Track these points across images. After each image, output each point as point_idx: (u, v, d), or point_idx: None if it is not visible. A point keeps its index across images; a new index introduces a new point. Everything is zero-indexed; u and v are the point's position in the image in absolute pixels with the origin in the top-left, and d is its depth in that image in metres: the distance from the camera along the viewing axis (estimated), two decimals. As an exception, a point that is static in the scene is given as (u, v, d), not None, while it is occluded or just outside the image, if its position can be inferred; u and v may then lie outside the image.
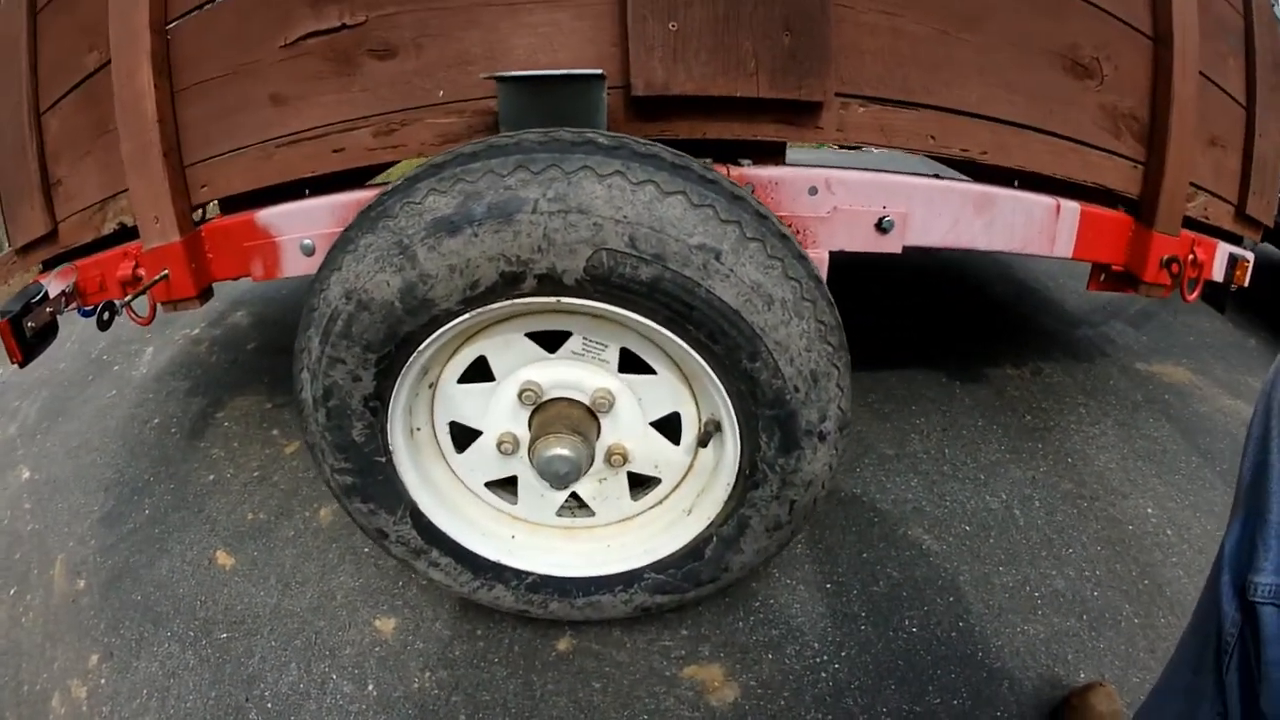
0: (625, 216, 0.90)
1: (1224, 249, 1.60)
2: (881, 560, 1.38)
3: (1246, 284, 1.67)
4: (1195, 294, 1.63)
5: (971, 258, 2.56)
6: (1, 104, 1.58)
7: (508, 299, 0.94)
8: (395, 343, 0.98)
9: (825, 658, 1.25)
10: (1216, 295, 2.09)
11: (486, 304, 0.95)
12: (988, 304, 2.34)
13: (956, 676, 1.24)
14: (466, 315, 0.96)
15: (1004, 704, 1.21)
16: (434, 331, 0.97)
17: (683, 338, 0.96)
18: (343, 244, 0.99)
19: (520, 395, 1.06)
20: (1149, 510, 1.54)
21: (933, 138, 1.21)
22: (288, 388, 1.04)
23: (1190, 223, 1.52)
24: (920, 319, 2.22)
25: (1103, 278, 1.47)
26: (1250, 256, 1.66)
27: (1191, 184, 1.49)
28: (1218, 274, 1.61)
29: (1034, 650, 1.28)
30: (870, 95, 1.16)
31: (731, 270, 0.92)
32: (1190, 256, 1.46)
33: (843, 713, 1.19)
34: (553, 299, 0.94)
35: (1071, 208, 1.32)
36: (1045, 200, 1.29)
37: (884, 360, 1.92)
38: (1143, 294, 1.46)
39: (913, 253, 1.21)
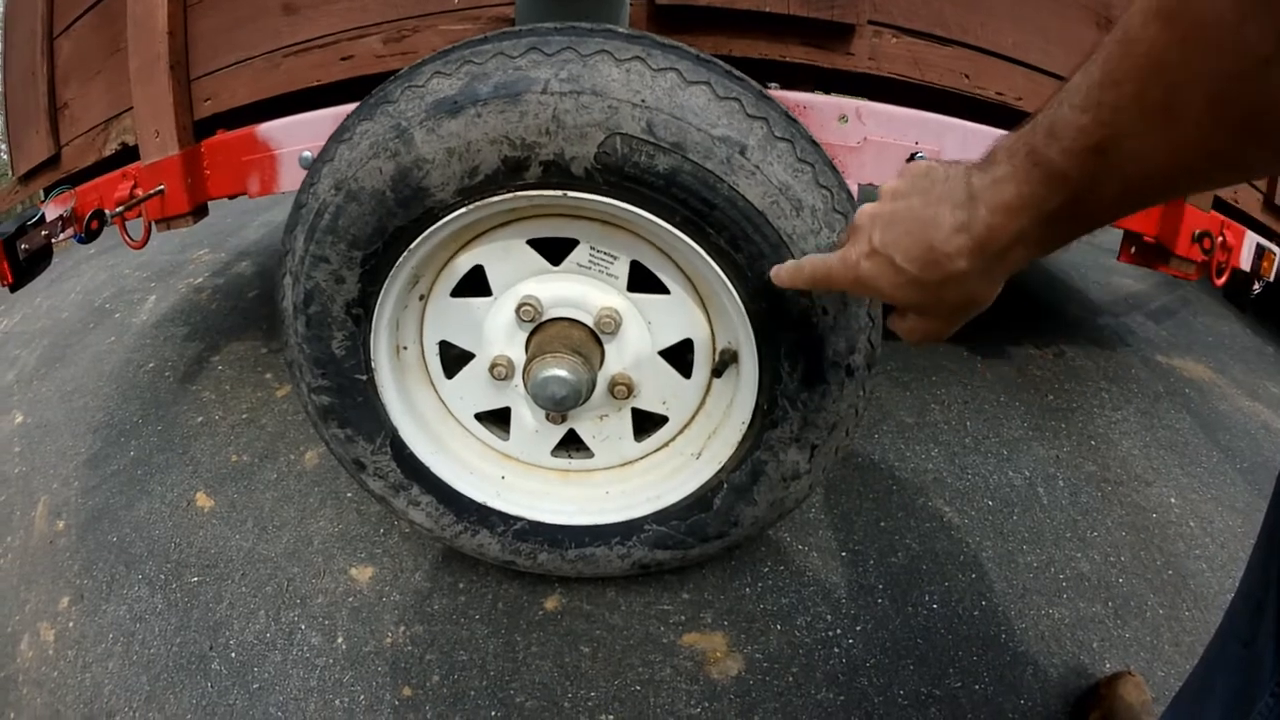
0: (644, 101, 0.75)
1: (1252, 237, 1.46)
2: (900, 530, 1.20)
3: (1272, 278, 1.52)
4: (1224, 279, 1.48)
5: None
6: (16, 30, 1.47)
7: (509, 190, 0.79)
8: (384, 239, 0.83)
9: (839, 631, 1.06)
10: (1238, 294, 1.94)
11: (485, 195, 0.80)
12: (1011, 288, 2.16)
13: (979, 659, 1.05)
14: (464, 209, 0.81)
15: (1028, 691, 1.03)
16: (427, 227, 0.82)
17: (701, 243, 0.80)
18: (338, 134, 0.84)
19: (518, 311, 0.90)
20: (1172, 500, 1.37)
21: (966, 76, 1.07)
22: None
23: (1220, 206, 1.38)
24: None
25: (1133, 249, 1.32)
26: (1278, 250, 1.51)
27: (1222, 163, 1.35)
28: (1245, 262, 1.46)
29: (1059, 635, 1.10)
30: (904, 26, 1.03)
31: (758, 167, 0.77)
32: (1220, 237, 1.32)
33: (856, 693, 1.00)
34: (558, 193, 0.79)
35: (1106, 169, 1.18)
36: (1080, 157, 1.16)
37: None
38: (1173, 270, 1.31)
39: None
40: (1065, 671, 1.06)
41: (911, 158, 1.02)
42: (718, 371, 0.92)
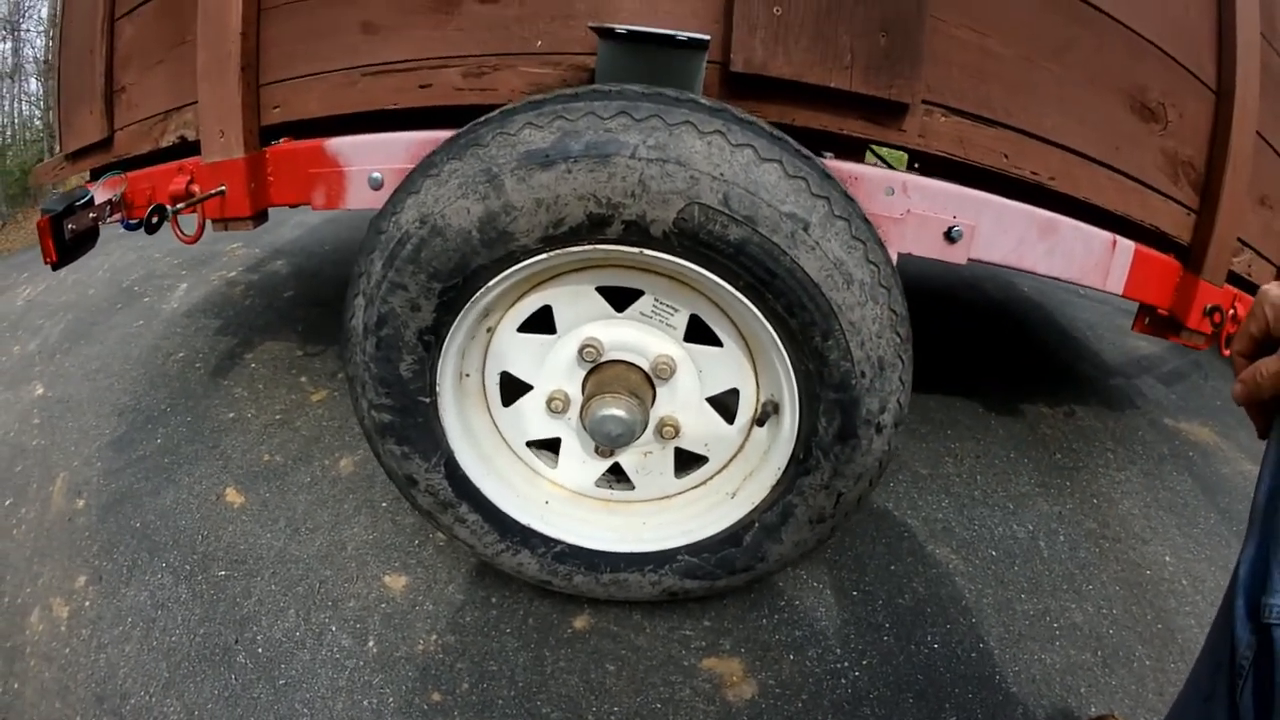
0: (722, 174, 0.85)
1: (1259, 310, 1.58)
2: (909, 574, 1.32)
3: None
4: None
5: (1015, 301, 2.54)
6: (77, 5, 1.52)
7: (590, 243, 0.89)
8: (464, 274, 0.92)
9: (846, 664, 1.18)
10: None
11: (567, 245, 0.89)
12: (1028, 347, 2.32)
13: (974, 697, 1.16)
14: (544, 255, 0.90)
15: (1019, 731, 1.15)
16: (507, 268, 0.91)
17: (759, 307, 0.90)
18: (424, 168, 0.93)
19: (580, 352, 1.00)
20: (1167, 558, 1.50)
21: (1006, 156, 1.18)
22: (321, 338, 0.97)
23: (1234, 279, 1.50)
24: (962, 353, 2.18)
25: (1147, 320, 1.44)
26: None
27: (1239, 239, 1.47)
28: (1252, 334, 1.58)
29: (1049, 680, 1.22)
30: (954, 106, 1.14)
31: (818, 243, 0.88)
32: (1232, 311, 1.44)
33: (860, 722, 1.11)
34: (636, 250, 0.89)
35: (1126, 245, 1.29)
36: (1104, 235, 1.27)
37: (923, 385, 1.86)
38: (1183, 340, 1.43)
39: (967, 278, 1.18)
40: (1053, 713, 1.17)
41: (949, 231, 1.12)
42: (760, 421, 1.02)
